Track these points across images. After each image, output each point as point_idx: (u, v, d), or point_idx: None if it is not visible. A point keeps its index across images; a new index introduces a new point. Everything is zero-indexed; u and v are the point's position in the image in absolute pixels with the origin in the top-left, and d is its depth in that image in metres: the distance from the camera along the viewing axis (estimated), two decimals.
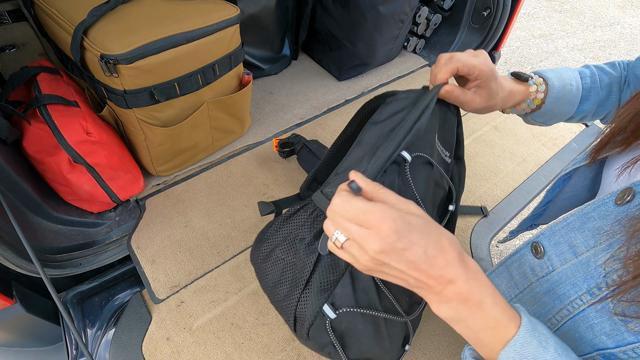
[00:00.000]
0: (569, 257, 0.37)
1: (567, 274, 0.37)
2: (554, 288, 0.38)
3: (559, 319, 0.37)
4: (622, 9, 3.46)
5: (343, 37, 1.22)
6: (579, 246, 0.36)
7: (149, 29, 0.69)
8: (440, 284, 0.31)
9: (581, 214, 0.37)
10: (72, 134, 0.71)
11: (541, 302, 0.39)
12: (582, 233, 0.36)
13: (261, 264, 0.51)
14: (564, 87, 0.51)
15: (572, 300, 0.36)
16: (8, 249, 0.63)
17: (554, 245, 0.39)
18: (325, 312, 0.42)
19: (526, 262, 0.42)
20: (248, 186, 0.94)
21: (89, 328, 0.74)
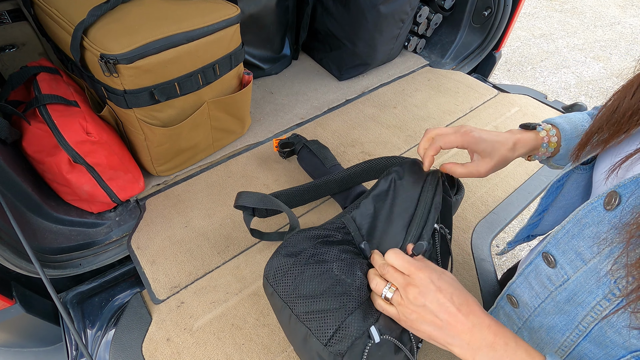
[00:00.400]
0: (579, 264, 0.37)
1: (581, 282, 0.37)
2: (573, 296, 0.38)
3: (585, 325, 0.38)
4: (623, 9, 3.46)
5: (343, 37, 1.22)
6: (585, 253, 0.37)
7: (149, 29, 0.69)
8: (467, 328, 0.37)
9: (576, 219, 0.38)
10: (72, 134, 0.71)
11: (565, 310, 0.40)
12: (584, 240, 0.37)
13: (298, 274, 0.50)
14: (576, 128, 0.53)
15: (592, 307, 0.36)
16: (7, 250, 0.63)
17: (562, 253, 0.39)
18: (372, 334, 0.43)
19: (542, 272, 0.42)
20: (248, 186, 0.94)
21: (89, 328, 0.73)
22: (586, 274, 0.36)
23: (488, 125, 1.15)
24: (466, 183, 0.97)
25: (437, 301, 0.38)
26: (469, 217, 0.90)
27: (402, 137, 1.10)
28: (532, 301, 0.44)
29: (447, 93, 1.27)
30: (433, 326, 0.39)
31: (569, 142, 0.53)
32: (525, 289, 0.45)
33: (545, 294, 0.42)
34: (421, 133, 1.11)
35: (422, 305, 0.39)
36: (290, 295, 0.48)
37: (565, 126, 0.53)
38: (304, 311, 0.46)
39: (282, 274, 0.50)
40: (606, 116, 0.38)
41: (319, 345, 0.44)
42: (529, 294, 0.45)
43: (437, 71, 1.37)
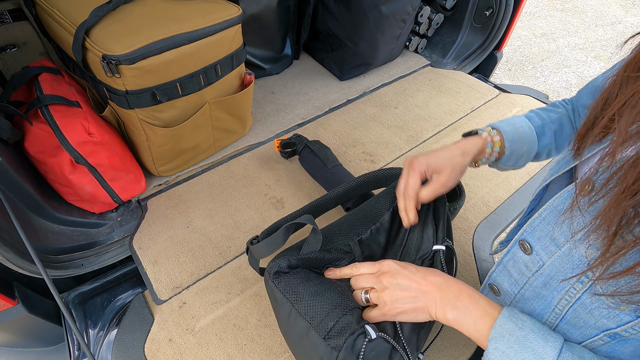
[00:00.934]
0: (553, 249, 0.40)
1: (556, 266, 0.39)
2: (549, 281, 0.40)
3: (560, 308, 0.40)
4: (624, 8, 3.45)
5: (345, 37, 1.22)
6: (559, 238, 0.39)
7: (151, 30, 0.69)
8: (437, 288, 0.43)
9: (552, 207, 0.40)
10: (73, 134, 0.71)
11: (541, 295, 0.42)
12: (558, 225, 0.39)
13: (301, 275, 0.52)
14: (516, 130, 0.56)
15: (567, 290, 0.38)
16: (10, 250, 0.63)
17: (537, 240, 0.41)
18: (368, 331, 0.44)
19: (519, 260, 0.44)
20: (250, 187, 0.94)
21: (91, 329, 0.74)
22: (560, 259, 0.39)
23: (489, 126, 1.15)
24: (467, 184, 0.97)
25: (406, 276, 0.45)
26: (471, 217, 0.90)
27: (403, 137, 1.10)
28: (512, 288, 0.46)
29: (449, 93, 1.27)
30: (411, 300, 0.44)
31: (512, 143, 0.56)
32: (504, 277, 0.47)
33: (523, 280, 0.44)
34: (422, 133, 1.11)
35: (396, 284, 0.44)
36: (293, 292, 0.50)
37: (505, 128, 0.56)
38: (306, 305, 0.48)
39: (285, 272, 0.51)
40: (595, 112, 0.40)
41: (317, 338, 0.46)
42: (508, 281, 0.47)
43: (438, 71, 1.37)
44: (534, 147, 0.57)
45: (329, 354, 0.44)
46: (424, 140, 1.09)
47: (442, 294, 0.43)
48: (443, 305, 0.42)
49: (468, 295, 0.42)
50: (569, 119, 0.58)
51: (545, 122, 0.58)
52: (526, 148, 0.57)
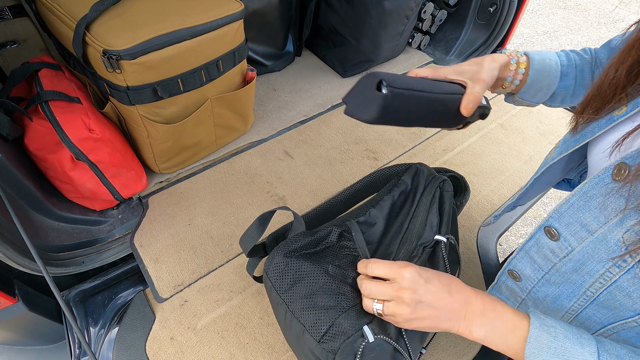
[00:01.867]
0: (585, 235, 0.39)
1: (589, 252, 0.38)
2: (580, 266, 0.40)
3: (593, 291, 0.39)
4: (626, 6, 3.43)
5: (347, 33, 1.21)
6: (591, 224, 0.38)
7: (152, 24, 0.68)
8: (462, 305, 0.40)
9: (582, 192, 0.38)
10: (74, 130, 0.70)
11: (571, 280, 0.41)
12: (590, 211, 0.38)
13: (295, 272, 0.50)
14: (543, 60, 0.54)
15: (601, 274, 0.38)
16: (10, 247, 0.62)
17: (565, 226, 0.40)
18: (365, 332, 0.43)
19: (544, 246, 0.43)
20: (252, 184, 0.93)
21: (92, 327, 0.73)
22: (593, 244, 0.38)
23: (493, 122, 1.14)
24: (472, 182, 0.96)
25: (430, 292, 0.40)
26: (475, 215, 0.89)
27: (406, 135, 1.09)
28: (535, 274, 0.46)
29: None
30: (432, 318, 0.40)
31: (536, 71, 0.54)
32: (526, 263, 0.47)
33: (548, 265, 0.43)
34: (426, 130, 1.10)
35: (419, 302, 0.40)
36: (287, 292, 0.49)
37: (534, 55, 0.55)
38: (300, 307, 0.47)
39: (280, 271, 0.50)
40: (597, 86, 0.40)
41: (312, 341, 0.45)
42: (530, 267, 0.46)
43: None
44: (554, 84, 0.56)
45: (325, 357, 0.44)
46: (428, 138, 1.08)
47: (468, 312, 0.40)
48: (468, 323, 0.40)
49: (492, 310, 0.40)
50: (590, 69, 0.57)
51: (571, 64, 0.56)
52: (547, 82, 0.55)
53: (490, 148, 1.06)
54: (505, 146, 1.07)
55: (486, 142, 1.08)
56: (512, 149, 1.06)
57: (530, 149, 1.06)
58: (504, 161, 1.03)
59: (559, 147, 0.50)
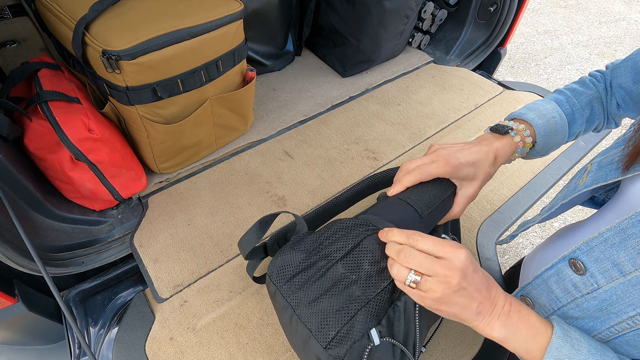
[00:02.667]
0: (615, 275, 0.36)
1: (618, 293, 0.36)
2: (607, 306, 0.37)
3: (619, 329, 0.37)
4: (628, 5, 3.43)
5: (347, 33, 1.21)
6: (625, 265, 0.35)
7: (152, 25, 0.68)
8: (492, 303, 0.38)
9: (619, 229, 0.36)
10: (73, 131, 0.70)
11: (593, 316, 0.39)
12: (626, 251, 0.35)
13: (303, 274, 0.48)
14: (548, 122, 0.52)
15: (631, 316, 0.36)
16: (10, 248, 0.62)
17: (594, 262, 0.38)
18: (372, 336, 0.42)
19: (566, 278, 0.41)
20: (251, 184, 0.93)
21: (92, 327, 0.73)
22: (625, 286, 0.35)
23: (493, 122, 1.14)
24: None
25: (474, 282, 0.37)
26: (475, 215, 0.89)
27: (406, 135, 1.09)
28: (551, 304, 0.44)
29: (452, 90, 1.26)
30: (463, 307, 0.37)
31: (544, 137, 0.52)
32: (542, 291, 0.44)
33: (568, 299, 0.41)
34: (426, 130, 1.10)
35: (462, 289, 0.37)
36: (294, 295, 0.47)
37: (537, 121, 0.52)
38: (306, 312, 0.45)
39: (285, 273, 0.49)
40: None
41: (319, 347, 0.44)
42: (547, 297, 0.44)
43: (441, 68, 1.36)
44: (565, 137, 0.54)
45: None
46: (427, 138, 1.08)
47: (494, 311, 0.38)
48: (491, 321, 0.38)
49: (517, 312, 0.38)
50: (600, 101, 0.54)
51: (576, 109, 0.54)
52: (558, 139, 0.53)
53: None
54: None
55: None
56: None
57: None
58: None
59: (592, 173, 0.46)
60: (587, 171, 0.47)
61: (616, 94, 0.53)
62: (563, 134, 0.53)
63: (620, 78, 0.51)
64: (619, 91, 0.52)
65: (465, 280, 0.37)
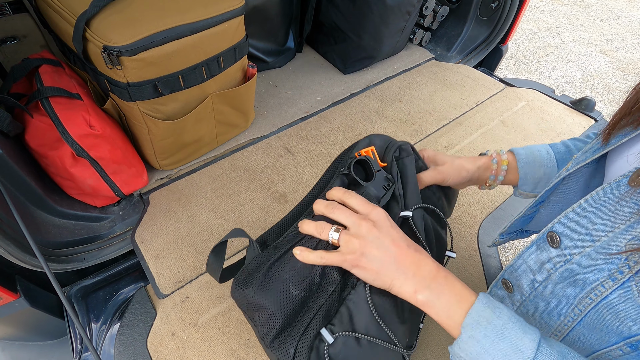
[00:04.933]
0: (587, 243, 0.37)
1: (587, 261, 0.36)
2: (574, 276, 0.38)
3: (581, 308, 0.37)
4: (630, 2, 3.41)
5: (348, 30, 1.20)
6: (596, 231, 0.36)
7: (153, 20, 0.68)
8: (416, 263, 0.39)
9: (594, 198, 0.36)
10: (75, 127, 0.70)
11: (562, 292, 0.39)
12: (598, 218, 0.36)
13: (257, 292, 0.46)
14: (531, 153, 0.56)
15: (593, 288, 0.36)
16: (12, 244, 0.62)
17: (569, 232, 0.38)
18: (324, 337, 0.42)
19: (543, 253, 0.41)
20: (252, 180, 0.93)
21: (94, 323, 0.73)
22: (593, 253, 0.36)
23: (495, 119, 1.14)
24: None
25: (390, 235, 0.40)
26: (476, 212, 0.89)
27: (407, 132, 1.09)
28: (528, 285, 0.44)
29: (453, 87, 1.25)
30: (380, 261, 0.39)
31: (525, 164, 0.55)
32: (522, 272, 0.45)
33: (543, 276, 0.41)
34: (427, 127, 1.10)
35: (376, 238, 0.39)
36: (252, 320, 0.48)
37: (519, 150, 0.56)
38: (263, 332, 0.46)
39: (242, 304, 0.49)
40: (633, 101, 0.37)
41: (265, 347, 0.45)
42: (525, 277, 0.44)
43: (443, 65, 1.36)
44: (553, 172, 0.55)
45: None
46: (429, 135, 1.08)
47: (418, 271, 0.39)
48: (414, 283, 0.38)
49: (444, 277, 0.39)
50: None
51: (571, 150, 0.56)
52: (543, 172, 0.56)
53: (491, 145, 1.06)
54: (507, 143, 1.07)
55: (487, 139, 1.08)
56: (513, 146, 1.06)
57: None
58: None
59: (576, 158, 0.47)
60: (572, 159, 0.48)
61: None
62: (550, 167, 0.56)
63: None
64: None
65: (378, 228, 0.40)
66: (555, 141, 1.08)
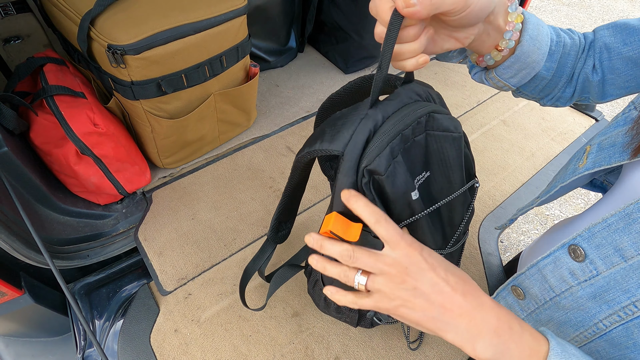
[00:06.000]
0: (617, 261, 0.35)
1: (616, 279, 0.35)
2: (601, 293, 0.36)
3: (607, 324, 0.36)
4: (632, 2, 3.41)
5: (350, 29, 1.21)
6: (627, 250, 0.34)
7: (157, 19, 0.68)
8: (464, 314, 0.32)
9: (624, 214, 0.34)
10: (79, 125, 0.70)
11: (585, 307, 0.38)
12: (629, 235, 0.34)
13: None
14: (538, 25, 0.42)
15: (624, 306, 0.34)
16: (17, 240, 0.63)
17: (595, 248, 0.36)
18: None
19: (563, 265, 0.39)
20: (254, 179, 0.94)
21: (97, 319, 0.74)
22: (625, 271, 0.34)
23: (495, 119, 1.14)
24: None
25: (430, 281, 0.32)
26: (476, 211, 0.89)
27: None
28: (543, 294, 0.42)
29: (454, 86, 1.26)
30: (422, 313, 0.33)
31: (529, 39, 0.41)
32: (536, 281, 0.43)
33: (562, 288, 0.40)
34: None
35: (413, 289, 0.32)
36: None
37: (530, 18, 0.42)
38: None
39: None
40: None
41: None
42: (540, 286, 0.42)
43: (444, 64, 1.36)
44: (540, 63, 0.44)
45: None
46: None
47: (472, 323, 0.32)
48: (472, 337, 0.32)
49: (508, 329, 0.32)
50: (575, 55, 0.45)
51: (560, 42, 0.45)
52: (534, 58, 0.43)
53: (492, 144, 1.06)
54: (507, 142, 1.07)
55: (488, 139, 1.08)
56: (514, 146, 1.06)
57: (532, 145, 1.07)
58: (506, 157, 1.03)
59: (593, 155, 0.43)
60: (586, 153, 0.44)
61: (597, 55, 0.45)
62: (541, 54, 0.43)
63: (606, 38, 0.44)
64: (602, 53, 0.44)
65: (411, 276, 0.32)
66: (555, 141, 1.09)
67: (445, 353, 0.66)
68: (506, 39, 0.41)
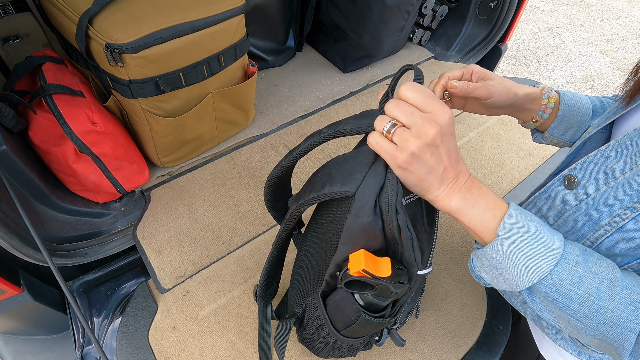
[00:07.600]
0: (605, 182, 0.38)
1: (605, 197, 0.38)
2: (589, 212, 0.39)
3: (593, 240, 0.39)
4: (631, 2, 3.41)
5: (348, 29, 1.21)
6: (616, 171, 0.38)
7: (155, 18, 0.69)
8: (456, 174, 0.38)
9: (618, 144, 0.38)
10: (77, 123, 0.71)
11: (575, 228, 0.41)
12: (619, 159, 0.37)
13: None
14: (574, 97, 0.54)
15: (609, 220, 0.38)
16: (16, 238, 0.63)
17: (588, 174, 0.40)
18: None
19: (557, 196, 0.42)
20: (252, 178, 0.94)
21: (95, 317, 0.74)
22: (612, 189, 0.38)
23: (493, 118, 1.14)
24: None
25: (448, 147, 0.36)
26: None
27: None
28: None
29: None
30: (430, 170, 0.36)
31: (568, 106, 0.53)
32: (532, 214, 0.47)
33: (555, 216, 0.43)
34: None
35: (436, 147, 0.35)
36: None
37: (564, 92, 0.54)
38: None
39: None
40: None
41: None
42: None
43: (442, 64, 1.36)
44: (586, 122, 0.54)
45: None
46: None
47: (456, 183, 0.38)
48: (451, 191, 0.37)
49: (478, 188, 0.38)
50: None
51: (604, 105, 0.55)
52: (578, 119, 0.54)
53: (489, 143, 1.07)
54: (505, 141, 1.07)
55: (485, 137, 1.08)
56: (511, 144, 1.07)
57: (529, 144, 1.07)
58: (503, 156, 1.03)
59: (594, 124, 0.47)
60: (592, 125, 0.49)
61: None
62: (586, 115, 0.54)
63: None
64: None
65: (441, 138, 0.35)
66: None
67: (441, 349, 0.67)
68: (538, 115, 0.54)
